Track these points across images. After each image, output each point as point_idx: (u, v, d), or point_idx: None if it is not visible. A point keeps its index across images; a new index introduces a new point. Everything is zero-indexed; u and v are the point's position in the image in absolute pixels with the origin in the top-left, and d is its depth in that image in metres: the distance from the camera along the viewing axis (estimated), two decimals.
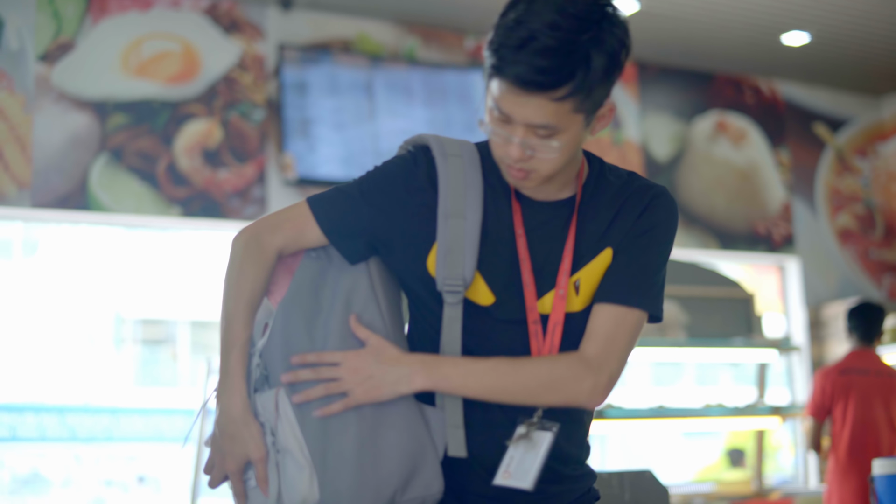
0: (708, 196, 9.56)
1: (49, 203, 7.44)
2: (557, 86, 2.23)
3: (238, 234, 2.48)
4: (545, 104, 2.25)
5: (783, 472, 11.85)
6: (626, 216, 2.45)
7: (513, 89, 2.25)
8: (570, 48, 2.22)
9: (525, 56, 2.22)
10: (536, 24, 2.23)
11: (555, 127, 2.28)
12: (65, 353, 16.26)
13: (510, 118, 2.29)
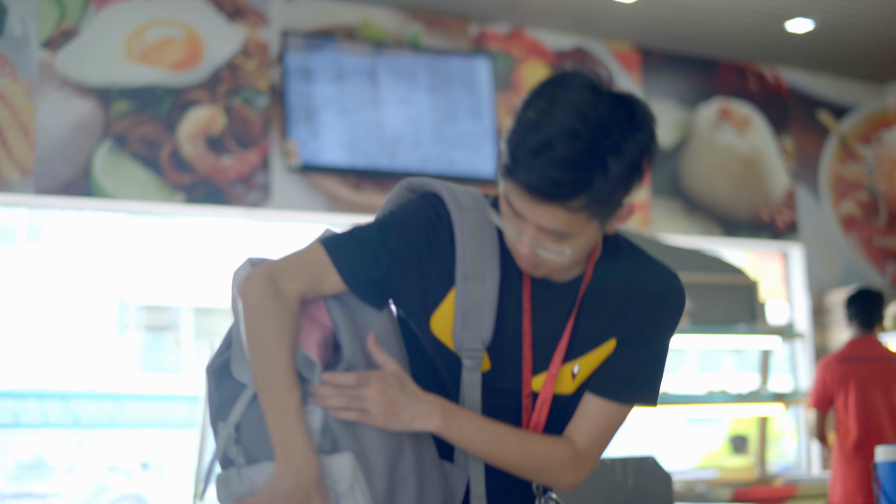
0: (711, 183, 9.56)
1: (52, 189, 7.45)
2: (571, 197, 2.14)
3: (250, 280, 2.31)
4: (558, 213, 2.17)
5: (786, 458, 11.86)
6: (634, 309, 2.41)
7: (525, 195, 2.17)
8: (588, 159, 2.13)
9: (540, 165, 2.12)
10: (554, 131, 2.13)
11: (567, 233, 2.21)
12: (68, 339, 16.27)
13: (522, 216, 2.22)
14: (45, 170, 7.42)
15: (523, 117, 2.18)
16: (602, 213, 2.21)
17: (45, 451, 15.58)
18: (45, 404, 15.20)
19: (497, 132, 8.62)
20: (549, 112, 2.14)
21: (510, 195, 2.21)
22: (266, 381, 2.23)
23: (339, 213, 8.15)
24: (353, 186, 8.20)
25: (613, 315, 2.39)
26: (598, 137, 2.13)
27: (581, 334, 2.38)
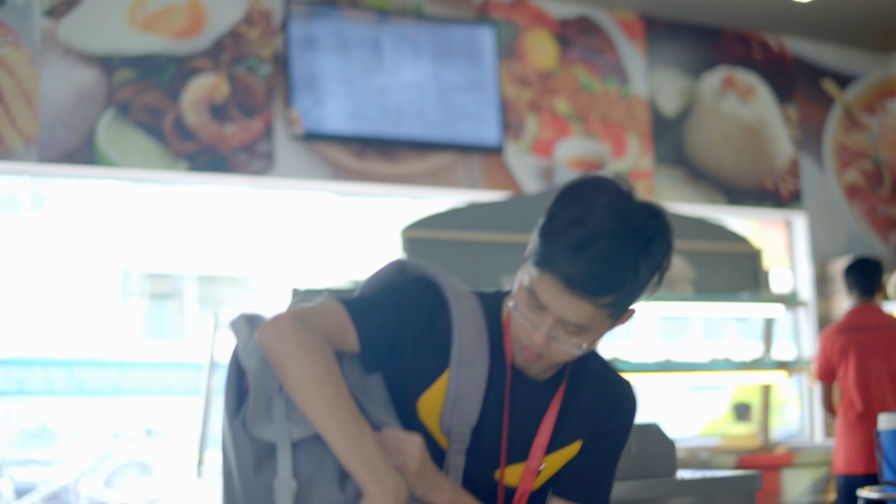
0: (715, 151, 9.55)
1: (56, 158, 7.44)
2: (605, 294, 2.27)
3: (277, 322, 2.30)
4: (586, 307, 2.29)
5: (789, 426, 11.89)
6: (598, 413, 2.54)
7: (559, 286, 2.27)
8: (624, 260, 2.26)
9: (582, 260, 2.25)
10: (597, 229, 2.25)
11: (586, 328, 2.33)
12: (72, 307, 16.29)
13: (544, 308, 2.32)
14: (49, 138, 7.42)
15: (563, 214, 2.32)
16: (620, 313, 2.36)
17: (50, 419, 15.63)
18: (49, 372, 15.23)
19: (501, 101, 8.61)
20: (590, 211, 2.27)
21: (538, 286, 2.31)
22: (332, 415, 2.24)
23: (343, 181, 8.15)
24: (357, 155, 8.20)
25: (581, 417, 2.53)
26: (634, 240, 2.28)
27: (555, 433, 2.51)
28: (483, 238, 7.55)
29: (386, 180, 8.27)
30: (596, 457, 2.54)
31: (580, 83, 9.07)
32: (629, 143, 9.12)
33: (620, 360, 7.19)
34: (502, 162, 8.60)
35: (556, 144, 8.83)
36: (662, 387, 14.59)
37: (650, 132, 9.23)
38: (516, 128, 8.70)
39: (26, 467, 14.66)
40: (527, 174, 8.66)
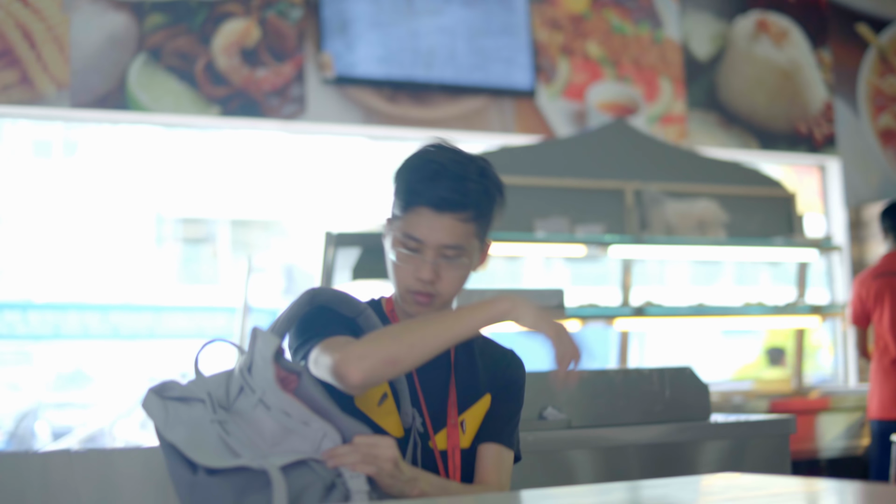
0: (749, 96, 9.49)
1: (88, 103, 7.45)
2: (466, 207, 2.65)
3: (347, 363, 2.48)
4: (455, 225, 2.65)
5: (822, 371, 11.87)
6: (494, 369, 2.85)
7: (429, 213, 2.64)
8: (471, 178, 2.67)
9: (440, 183, 2.63)
10: (444, 160, 2.67)
11: (463, 248, 2.67)
12: (106, 252, 16.37)
13: (422, 243, 2.65)
14: (81, 83, 7.43)
15: (410, 164, 2.71)
16: (481, 233, 2.72)
17: (85, 363, 15.74)
18: (84, 316, 15.31)
19: (532, 44, 8.57)
20: (431, 153, 2.71)
21: (411, 225, 2.66)
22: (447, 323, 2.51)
23: (374, 125, 8.14)
24: (388, 98, 8.18)
25: (481, 374, 2.82)
26: (473, 162, 2.71)
27: (461, 391, 2.78)
28: (515, 182, 7.53)
29: (417, 124, 8.26)
30: (500, 406, 2.81)
31: (612, 26, 9.02)
32: (661, 87, 9.07)
33: (653, 305, 7.18)
34: (534, 106, 8.57)
35: (589, 88, 8.79)
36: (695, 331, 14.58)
37: (683, 76, 9.17)
38: (548, 71, 8.66)
39: (63, 410, 14.79)
40: (559, 118, 8.63)
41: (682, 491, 2.60)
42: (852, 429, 7.16)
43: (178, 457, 2.38)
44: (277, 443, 2.41)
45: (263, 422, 2.42)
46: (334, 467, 2.36)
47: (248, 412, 2.44)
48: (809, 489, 2.53)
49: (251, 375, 2.46)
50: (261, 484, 2.31)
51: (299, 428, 2.41)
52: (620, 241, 7.30)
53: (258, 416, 2.43)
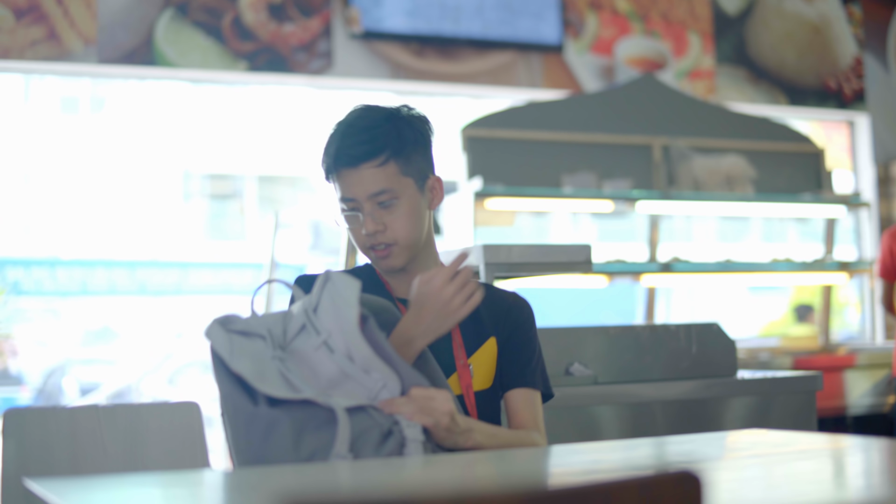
0: (778, 51, 9.42)
1: (115, 59, 7.45)
2: (377, 153, 2.73)
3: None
4: (374, 172, 2.73)
5: (850, 328, 11.84)
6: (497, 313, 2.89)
7: (347, 172, 2.74)
8: (376, 124, 2.76)
9: (346, 140, 2.74)
10: (347, 119, 2.79)
11: (391, 190, 2.75)
12: (134, 208, 16.42)
13: (356, 201, 2.75)
14: (108, 39, 7.43)
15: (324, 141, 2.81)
16: (410, 170, 2.77)
17: (113, 319, 15.81)
18: (112, 272, 15.38)
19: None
20: (339, 121, 2.82)
21: (340, 191, 2.76)
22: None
23: (402, 80, 8.12)
24: (416, 53, 8.16)
25: (484, 318, 2.86)
26: (378, 111, 2.80)
27: (465, 335, 2.82)
28: (543, 137, 7.52)
29: (445, 79, 8.23)
30: (514, 350, 2.85)
31: None
32: (690, 42, 9.01)
33: (680, 261, 7.17)
34: (562, 61, 8.53)
35: (617, 43, 8.74)
36: (722, 287, 14.56)
37: (711, 31, 9.11)
38: (576, 26, 8.62)
39: (91, 366, 14.87)
40: (587, 73, 8.59)
41: (708, 447, 2.60)
42: (879, 386, 7.14)
43: (239, 388, 2.39)
44: (333, 386, 2.42)
45: (323, 364, 2.43)
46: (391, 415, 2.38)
47: (306, 352, 2.45)
48: (835, 446, 2.53)
49: (317, 316, 2.47)
50: (322, 421, 2.32)
51: (359, 375, 2.42)
52: (648, 196, 7.28)
53: (318, 358, 2.44)
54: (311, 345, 2.45)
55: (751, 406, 4.29)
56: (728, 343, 4.40)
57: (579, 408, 4.00)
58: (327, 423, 2.31)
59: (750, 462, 2.31)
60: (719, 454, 2.51)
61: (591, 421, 4.01)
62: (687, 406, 4.17)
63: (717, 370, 4.35)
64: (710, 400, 4.23)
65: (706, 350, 4.33)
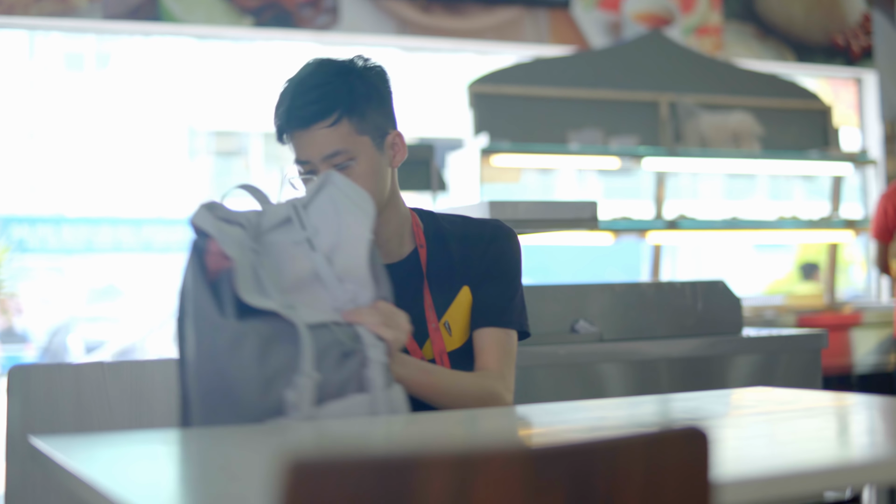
0: (786, 7, 9.37)
1: (120, 14, 7.43)
2: (329, 112, 2.59)
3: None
4: (326, 133, 2.59)
5: (854, 286, 11.84)
6: (473, 254, 2.76)
7: (299, 134, 2.62)
8: (326, 80, 2.62)
9: (297, 102, 2.61)
10: (297, 78, 2.66)
11: (346, 150, 2.61)
12: (139, 165, 16.41)
13: (310, 163, 2.62)
14: None
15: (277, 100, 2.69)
16: (367, 128, 2.63)
17: (118, 277, 15.84)
18: (117, 230, 15.39)
19: None
20: (289, 78, 2.68)
21: (294, 154, 2.66)
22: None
23: (409, 35, 8.09)
24: (422, 9, 8.13)
25: (457, 266, 2.75)
26: (329, 66, 2.66)
27: (436, 293, 2.72)
28: (549, 94, 7.50)
29: (451, 35, 8.21)
30: (491, 286, 2.74)
31: None
32: None
33: (686, 218, 7.16)
34: (569, 16, 8.49)
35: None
36: (728, 245, 14.56)
37: None
38: None
39: (95, 324, 14.90)
40: (594, 29, 8.56)
41: (713, 404, 2.60)
42: (883, 344, 7.15)
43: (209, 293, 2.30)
44: (299, 288, 2.36)
45: (296, 260, 2.38)
46: (352, 323, 2.32)
47: (282, 245, 2.39)
48: (840, 403, 2.53)
49: (307, 212, 2.43)
50: (286, 335, 2.25)
51: (331, 281, 2.37)
52: (654, 153, 7.27)
53: (293, 254, 2.39)
54: (292, 238, 2.40)
55: (756, 364, 4.29)
56: (734, 301, 4.39)
57: (585, 365, 4.00)
58: (291, 339, 2.25)
59: (755, 420, 2.31)
60: (724, 412, 2.51)
61: (596, 378, 4.01)
62: (692, 363, 4.17)
63: (723, 328, 4.35)
64: (715, 357, 4.23)
65: (712, 307, 4.33)
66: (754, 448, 1.99)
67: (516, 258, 2.80)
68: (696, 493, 1.39)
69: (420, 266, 2.74)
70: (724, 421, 2.33)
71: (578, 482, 1.31)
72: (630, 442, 1.36)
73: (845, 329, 7.11)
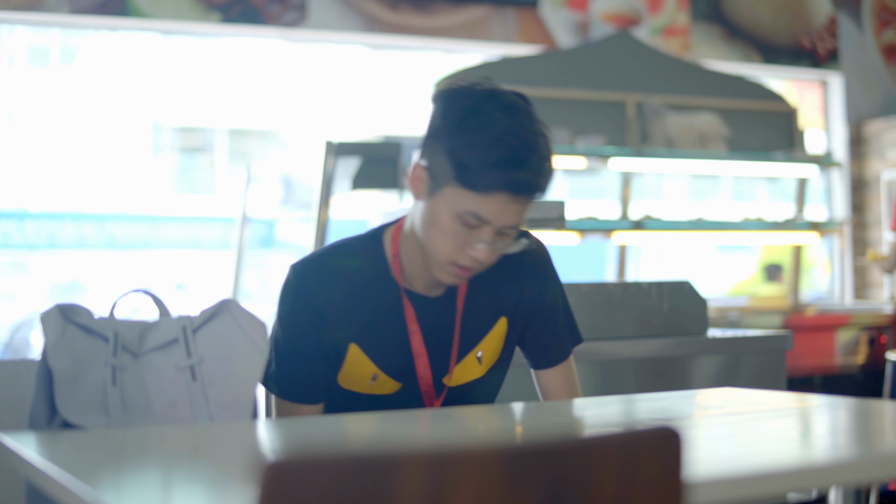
0: (753, 8, 9.41)
1: (87, 9, 7.39)
2: (542, 189, 2.46)
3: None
4: (524, 208, 2.46)
5: (818, 288, 11.90)
6: (511, 287, 2.68)
7: (505, 198, 2.39)
8: (544, 156, 2.44)
9: (522, 167, 2.38)
10: (518, 133, 2.39)
11: (519, 225, 2.49)
12: (103, 161, 16.33)
13: (489, 224, 2.42)
14: None
15: (475, 133, 2.39)
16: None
17: (81, 273, 15.75)
18: (80, 226, 15.30)
19: None
20: (511, 120, 2.41)
21: (481, 208, 2.40)
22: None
23: (376, 33, 8.08)
24: (391, 7, 8.12)
25: (494, 297, 2.66)
26: (542, 138, 2.45)
27: (472, 325, 2.64)
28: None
29: (419, 33, 8.20)
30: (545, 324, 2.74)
31: None
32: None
33: (652, 219, 7.18)
34: (537, 16, 8.50)
35: None
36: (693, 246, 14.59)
37: None
38: None
39: None
40: (561, 29, 8.57)
41: (679, 404, 2.61)
42: (847, 346, 7.18)
43: (45, 391, 2.26)
44: (169, 413, 2.30)
45: (173, 385, 2.31)
46: None
47: (161, 368, 2.32)
48: (804, 405, 2.55)
49: (195, 337, 2.36)
50: None
51: (203, 415, 2.30)
52: (620, 153, 7.29)
53: (173, 379, 2.32)
54: (174, 362, 2.33)
55: (721, 364, 4.31)
56: (699, 301, 4.41)
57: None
58: None
59: (722, 420, 2.32)
60: (691, 412, 2.52)
61: None
62: (658, 364, 4.18)
63: (689, 328, 4.36)
64: (680, 358, 4.24)
65: (678, 308, 4.34)
66: (722, 448, 1.99)
67: (554, 281, 2.77)
68: (669, 493, 1.40)
69: (455, 301, 2.64)
70: (692, 421, 2.34)
71: (553, 482, 1.31)
72: (604, 442, 1.37)
73: (812, 330, 7.14)
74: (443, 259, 2.48)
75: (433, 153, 2.47)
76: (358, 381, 2.59)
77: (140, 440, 2.13)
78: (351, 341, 2.55)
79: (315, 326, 2.53)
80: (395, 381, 2.59)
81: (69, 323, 2.30)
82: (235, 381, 2.34)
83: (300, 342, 2.54)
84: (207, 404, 2.31)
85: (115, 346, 2.30)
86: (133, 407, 2.27)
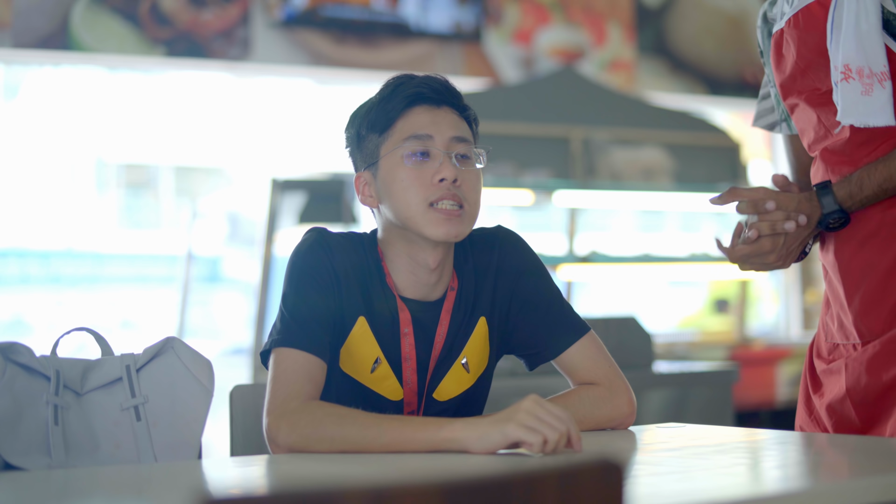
0: (697, 42, 9.47)
1: (30, 43, 7.34)
2: (459, 98, 2.50)
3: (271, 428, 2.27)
4: (456, 118, 2.48)
5: (764, 322, 11.95)
6: (487, 281, 2.59)
7: (424, 109, 2.46)
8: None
9: (429, 81, 2.49)
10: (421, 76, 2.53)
11: (470, 143, 2.48)
12: (47, 197, 16.23)
13: (431, 139, 2.43)
14: (23, 24, 7.31)
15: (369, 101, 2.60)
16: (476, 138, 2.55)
17: (25, 310, 15.62)
18: (24, 262, 15.19)
19: None
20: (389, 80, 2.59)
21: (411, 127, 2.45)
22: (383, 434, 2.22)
23: (322, 66, 8.07)
24: (336, 41, 8.11)
25: (472, 297, 2.57)
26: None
27: (456, 329, 2.55)
28: None
29: (364, 67, 8.20)
30: (545, 312, 2.63)
31: None
32: (610, 33, 9.03)
33: (599, 253, 7.18)
34: (481, 51, 8.52)
35: (537, 33, 8.74)
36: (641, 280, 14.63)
37: (632, 22, 9.14)
38: (496, 15, 8.60)
39: None
40: (507, 63, 8.59)
41: (623, 441, 2.59)
42: (793, 378, 7.21)
43: None
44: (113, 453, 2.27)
45: (117, 425, 2.29)
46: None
47: (104, 408, 2.29)
48: (751, 439, 2.54)
49: (139, 377, 2.32)
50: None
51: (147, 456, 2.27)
52: (566, 186, 7.30)
53: (115, 418, 2.29)
54: (118, 402, 2.30)
55: (667, 398, 4.31)
56: (645, 336, 4.41)
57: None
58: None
59: (667, 455, 2.30)
60: (634, 447, 2.50)
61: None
62: None
63: (635, 362, 4.36)
64: None
65: (624, 343, 4.34)
66: (667, 483, 1.97)
67: (534, 273, 2.66)
68: None
69: (443, 304, 2.56)
70: (638, 457, 2.32)
71: None
72: (545, 475, 1.35)
73: (758, 364, 7.17)
74: (420, 206, 2.43)
75: (356, 150, 2.58)
76: (359, 365, 2.48)
77: (83, 481, 2.08)
78: (361, 314, 2.47)
79: (330, 284, 2.43)
80: (394, 376, 2.50)
81: (9, 362, 2.26)
82: (180, 421, 2.31)
83: (313, 295, 2.43)
84: (152, 445, 2.28)
85: (56, 385, 2.26)
86: (76, 447, 2.25)
